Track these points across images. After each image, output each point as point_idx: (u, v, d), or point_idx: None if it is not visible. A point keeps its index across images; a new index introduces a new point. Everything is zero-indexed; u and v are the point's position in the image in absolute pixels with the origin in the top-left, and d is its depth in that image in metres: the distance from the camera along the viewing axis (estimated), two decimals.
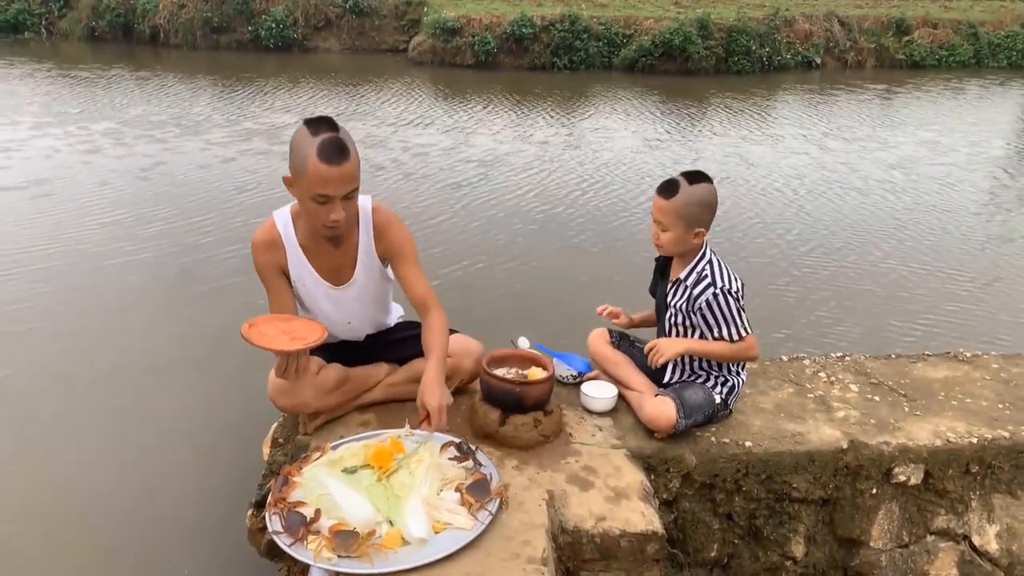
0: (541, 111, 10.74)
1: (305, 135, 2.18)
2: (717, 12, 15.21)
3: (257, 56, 14.28)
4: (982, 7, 18.89)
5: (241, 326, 2.23)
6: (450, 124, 9.63)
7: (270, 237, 2.41)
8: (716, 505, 2.57)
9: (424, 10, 15.22)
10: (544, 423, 2.45)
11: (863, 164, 8.52)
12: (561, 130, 9.60)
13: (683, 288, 2.54)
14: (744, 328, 2.50)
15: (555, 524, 2.15)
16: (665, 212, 2.46)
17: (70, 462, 3.31)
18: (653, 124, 10.18)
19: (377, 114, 10.05)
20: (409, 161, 7.91)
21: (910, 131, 10.30)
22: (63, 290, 4.86)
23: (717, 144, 9.17)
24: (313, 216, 2.26)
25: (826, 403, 2.79)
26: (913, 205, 7.19)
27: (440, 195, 6.90)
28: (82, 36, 15.29)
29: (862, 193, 7.47)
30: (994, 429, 2.66)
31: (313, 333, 2.31)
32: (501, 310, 4.76)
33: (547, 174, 7.66)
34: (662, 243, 2.51)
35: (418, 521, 2.01)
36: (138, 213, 6.17)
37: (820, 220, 6.66)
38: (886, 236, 6.34)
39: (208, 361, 4.08)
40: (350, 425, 2.53)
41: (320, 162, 2.13)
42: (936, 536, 2.69)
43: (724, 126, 10.21)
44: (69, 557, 2.82)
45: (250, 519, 2.45)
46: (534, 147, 8.66)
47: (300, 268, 2.44)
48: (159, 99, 10.46)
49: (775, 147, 9.14)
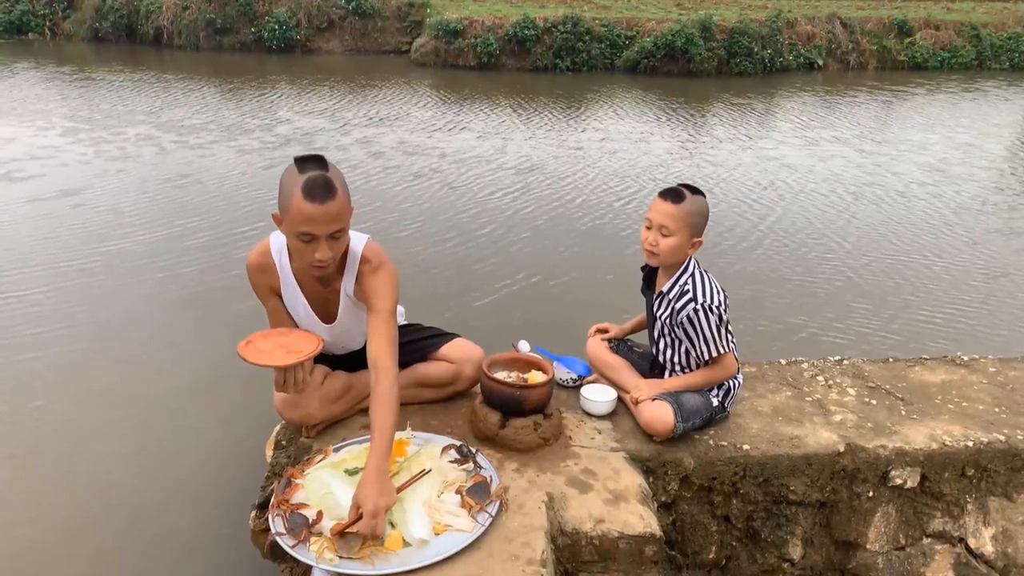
0: (544, 112, 10.77)
1: (292, 172, 2.14)
2: (719, 14, 15.24)
3: (260, 58, 14.34)
4: (984, 8, 18.90)
5: (237, 345, 2.26)
6: (437, 125, 9.67)
7: (264, 261, 2.38)
8: (714, 507, 2.60)
9: (427, 12, 15.27)
10: (544, 426, 2.48)
11: (898, 165, 8.56)
12: (564, 135, 9.63)
13: (666, 302, 2.56)
14: (721, 345, 2.52)
15: (554, 526, 2.18)
16: (674, 217, 2.45)
17: (75, 464, 3.35)
18: (660, 125, 10.20)
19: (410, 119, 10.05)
20: (404, 163, 7.95)
21: (943, 132, 10.32)
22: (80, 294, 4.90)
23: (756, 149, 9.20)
24: (299, 255, 2.23)
25: (823, 406, 2.82)
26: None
27: (437, 198, 6.93)
28: (85, 37, 15.36)
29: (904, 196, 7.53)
30: (990, 433, 2.68)
31: (309, 345, 2.34)
32: (501, 314, 4.78)
33: (547, 176, 7.69)
34: (660, 250, 2.49)
35: (419, 523, 2.04)
36: (176, 223, 6.10)
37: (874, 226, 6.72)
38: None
39: (213, 365, 4.11)
40: (352, 427, 2.56)
41: (304, 200, 2.09)
42: (932, 539, 2.71)
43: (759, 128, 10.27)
44: (73, 560, 2.85)
45: (253, 520, 2.48)
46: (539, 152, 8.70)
47: (293, 298, 2.42)
48: (191, 103, 10.40)
49: (810, 150, 9.16)
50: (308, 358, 2.30)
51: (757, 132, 10.06)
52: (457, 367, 2.67)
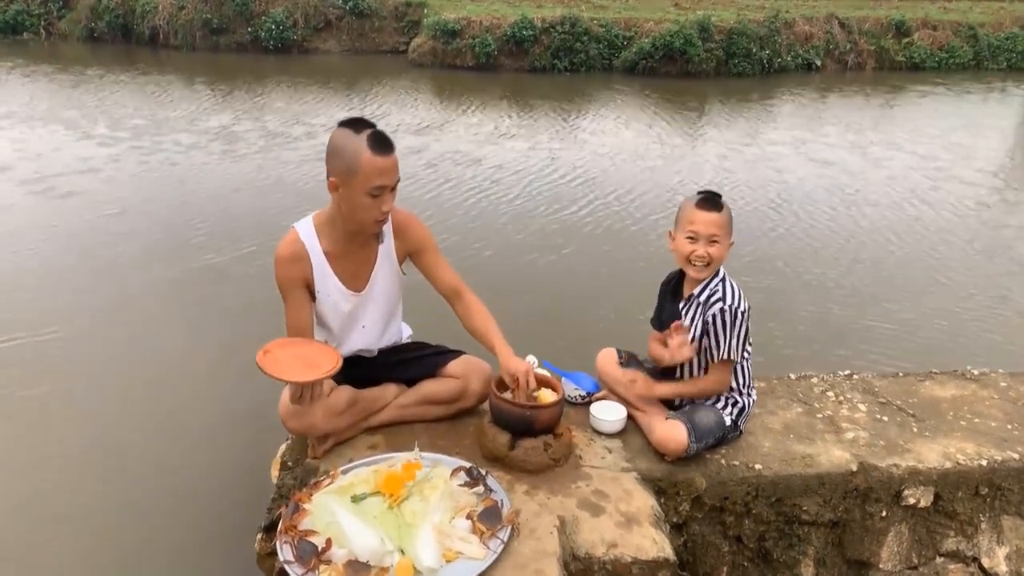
0: (543, 114, 10.73)
1: (348, 135, 2.26)
2: (717, 14, 15.17)
3: (256, 58, 14.24)
4: (981, 8, 18.86)
5: (256, 354, 2.22)
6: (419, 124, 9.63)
7: (295, 250, 2.43)
8: (726, 528, 2.57)
9: (424, 12, 15.19)
10: (554, 447, 2.44)
11: (893, 169, 8.54)
12: (563, 136, 9.59)
13: (696, 305, 2.53)
14: (734, 351, 2.48)
15: (567, 551, 2.14)
16: (720, 225, 2.46)
17: (75, 486, 3.29)
18: (656, 132, 10.17)
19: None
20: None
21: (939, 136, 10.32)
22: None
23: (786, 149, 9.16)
24: (365, 212, 2.32)
25: (835, 423, 2.79)
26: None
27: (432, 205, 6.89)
28: (81, 37, 15.23)
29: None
30: (1003, 451, 2.65)
31: (329, 361, 2.31)
32: (508, 330, 4.73)
33: (548, 178, 7.65)
34: (713, 258, 2.47)
35: (429, 550, 2.00)
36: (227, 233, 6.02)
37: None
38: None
39: (215, 378, 4.07)
40: (359, 448, 2.52)
41: (375, 155, 2.23)
42: (945, 558, 2.68)
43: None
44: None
45: (259, 543, 2.44)
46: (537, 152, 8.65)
47: (324, 278, 2.47)
48: (230, 109, 10.24)
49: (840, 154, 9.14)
50: (328, 375, 2.26)
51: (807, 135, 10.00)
52: (463, 382, 2.64)
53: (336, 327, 2.57)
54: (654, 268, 2.64)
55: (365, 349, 2.65)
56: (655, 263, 5.27)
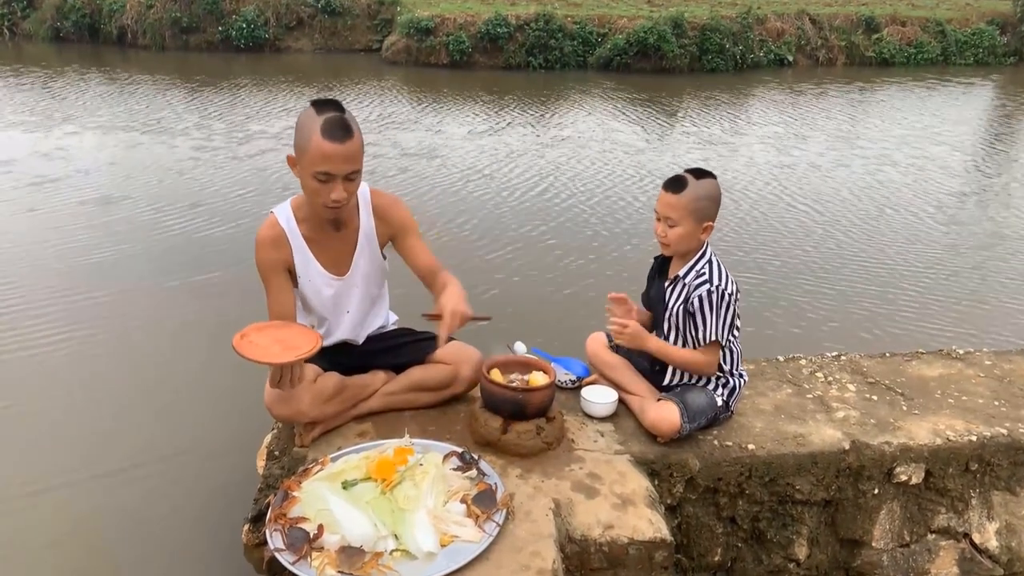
0: (515, 108, 10.72)
1: (310, 114, 2.21)
2: (690, 11, 15.24)
3: (227, 57, 14.07)
4: (948, 5, 19.13)
5: (232, 338, 2.17)
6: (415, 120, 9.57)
7: (275, 233, 2.39)
8: (719, 509, 2.55)
9: (397, 9, 15.10)
10: (547, 430, 2.41)
11: (867, 159, 8.60)
12: (539, 130, 9.58)
13: (681, 285, 2.51)
14: (720, 333, 2.44)
15: (562, 534, 2.12)
16: (675, 207, 2.42)
17: (59, 478, 3.21)
18: (631, 124, 10.19)
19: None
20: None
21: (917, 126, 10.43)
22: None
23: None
24: (314, 195, 2.27)
25: (825, 403, 2.78)
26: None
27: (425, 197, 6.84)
28: (46, 37, 14.96)
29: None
30: (992, 427, 2.67)
31: (308, 342, 2.25)
32: (495, 315, 4.70)
33: (546, 175, 7.63)
34: (669, 240, 2.46)
35: (425, 534, 1.96)
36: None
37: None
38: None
39: (198, 370, 3.99)
40: (347, 436, 2.47)
41: (323, 139, 2.16)
42: (937, 535, 2.69)
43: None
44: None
45: (246, 534, 2.38)
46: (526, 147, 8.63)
47: (305, 263, 2.43)
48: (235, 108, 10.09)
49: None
50: (307, 356, 2.20)
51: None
52: (454, 368, 2.60)
53: (320, 313, 2.52)
54: (640, 251, 2.60)
55: (351, 334, 2.59)
56: (642, 248, 5.31)
